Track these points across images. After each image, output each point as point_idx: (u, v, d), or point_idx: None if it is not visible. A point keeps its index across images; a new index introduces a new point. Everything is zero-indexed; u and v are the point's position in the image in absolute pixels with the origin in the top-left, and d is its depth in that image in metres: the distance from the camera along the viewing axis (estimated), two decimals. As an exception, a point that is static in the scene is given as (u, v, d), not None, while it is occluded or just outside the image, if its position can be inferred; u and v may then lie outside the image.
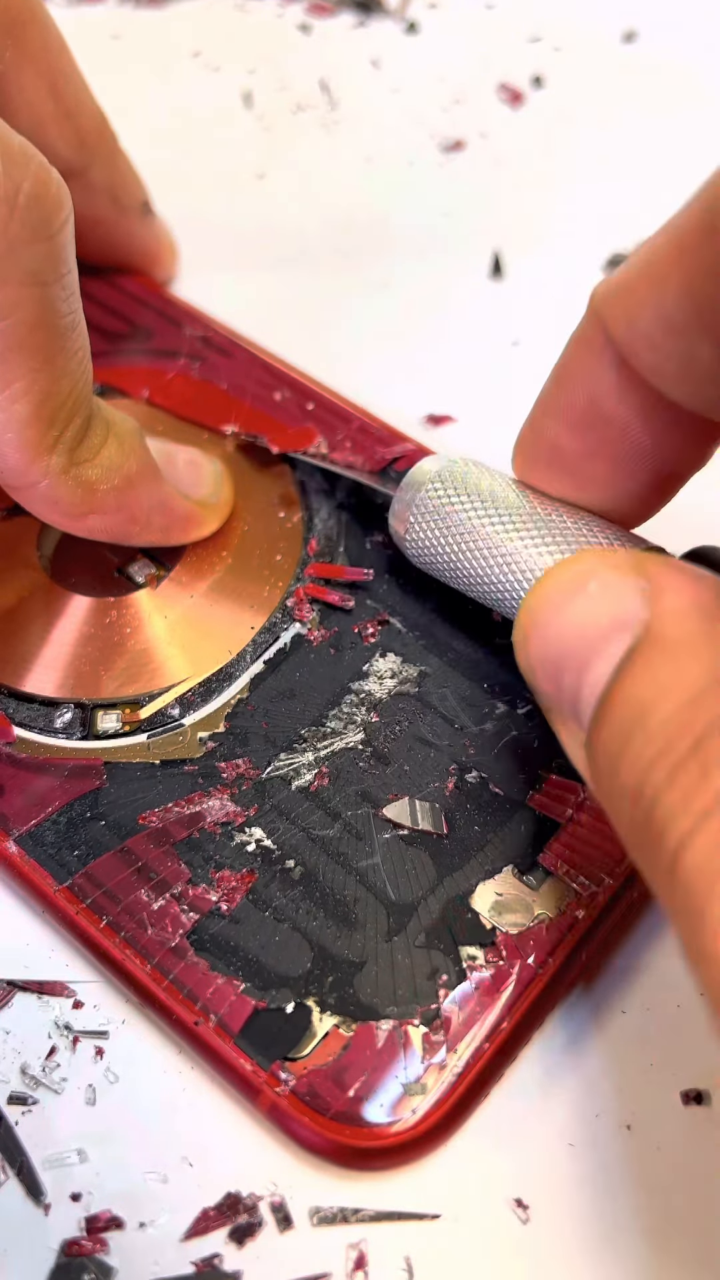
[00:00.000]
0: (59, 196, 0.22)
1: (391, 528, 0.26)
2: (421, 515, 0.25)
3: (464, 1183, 0.21)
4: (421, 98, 0.41)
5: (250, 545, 0.28)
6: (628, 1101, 0.22)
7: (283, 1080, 0.21)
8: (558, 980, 0.22)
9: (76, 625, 0.27)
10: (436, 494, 0.25)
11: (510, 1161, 0.21)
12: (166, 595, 0.27)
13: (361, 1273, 0.20)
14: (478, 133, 0.39)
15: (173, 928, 0.23)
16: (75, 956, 0.24)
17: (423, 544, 0.25)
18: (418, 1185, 0.21)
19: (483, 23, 0.43)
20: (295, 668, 0.26)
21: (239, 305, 0.34)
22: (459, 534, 0.25)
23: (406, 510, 0.26)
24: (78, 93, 0.30)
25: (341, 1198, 0.21)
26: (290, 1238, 0.21)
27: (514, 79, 0.41)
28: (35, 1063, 0.22)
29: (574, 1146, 0.21)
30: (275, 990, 0.22)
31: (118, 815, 0.24)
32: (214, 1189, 0.21)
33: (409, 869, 0.23)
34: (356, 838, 0.24)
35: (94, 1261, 0.21)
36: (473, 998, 0.22)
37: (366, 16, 0.44)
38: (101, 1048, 0.23)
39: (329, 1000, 0.22)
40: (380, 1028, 0.21)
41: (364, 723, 0.25)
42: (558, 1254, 0.21)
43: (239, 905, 0.23)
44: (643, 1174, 0.21)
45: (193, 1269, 0.21)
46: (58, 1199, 0.21)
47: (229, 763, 0.25)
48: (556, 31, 0.42)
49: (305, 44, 0.43)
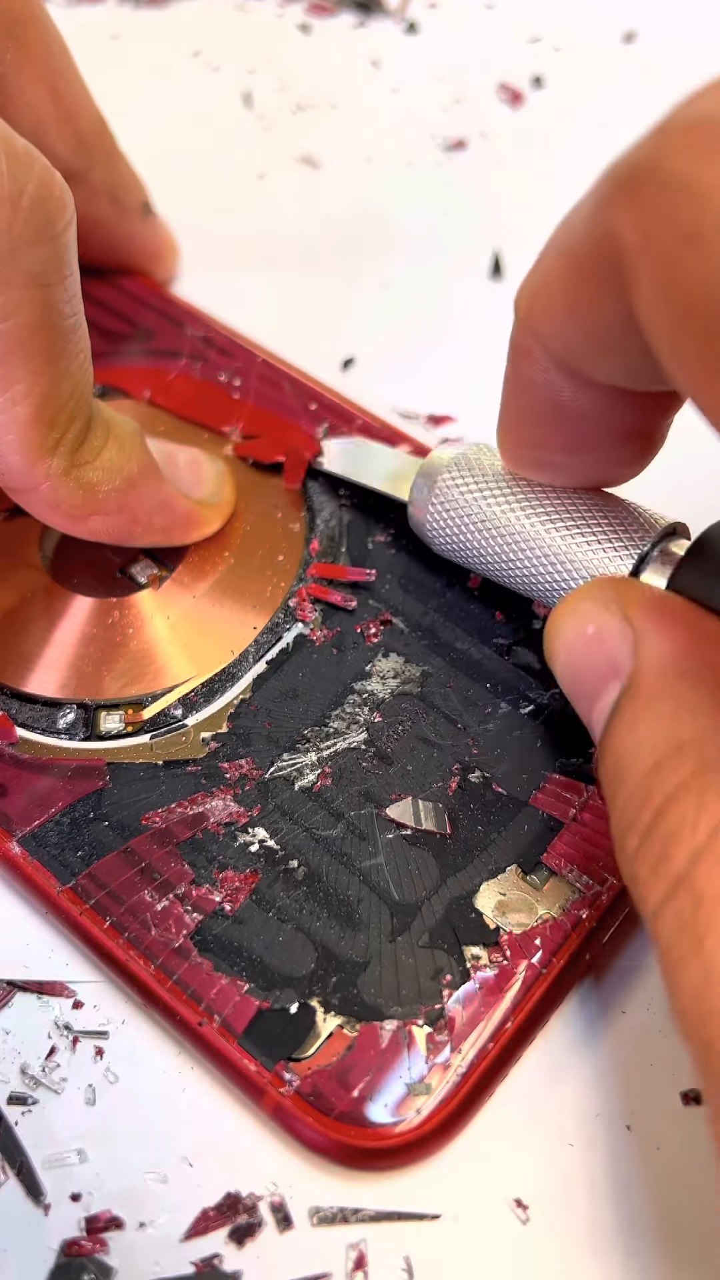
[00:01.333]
0: (62, 199, 0.22)
1: (410, 516, 0.26)
2: (440, 504, 0.25)
3: (464, 1183, 0.21)
4: (421, 98, 0.41)
5: (252, 545, 0.28)
6: (628, 1101, 0.22)
7: (287, 1081, 0.21)
8: (562, 980, 0.22)
9: (79, 626, 0.27)
10: (453, 481, 0.25)
11: (510, 1161, 0.21)
12: (169, 595, 0.27)
13: (361, 1273, 0.20)
14: (478, 133, 0.39)
15: (176, 928, 0.23)
16: (75, 956, 0.24)
17: (443, 532, 0.26)
18: (418, 1185, 0.21)
19: (483, 23, 0.43)
20: (298, 668, 0.26)
21: (240, 305, 0.34)
22: (477, 520, 0.25)
23: (425, 499, 0.26)
24: (77, 95, 0.30)
25: (341, 1198, 0.21)
26: (290, 1238, 0.21)
27: (514, 79, 0.41)
28: (35, 1063, 0.22)
29: (574, 1146, 0.21)
30: (279, 990, 0.22)
31: (121, 816, 0.24)
32: (214, 1189, 0.21)
33: (412, 869, 0.23)
34: (360, 838, 0.24)
35: (94, 1262, 0.21)
36: (477, 997, 0.22)
37: (366, 16, 0.44)
38: (101, 1048, 0.23)
39: (333, 1000, 0.22)
40: (384, 1028, 0.21)
41: (367, 723, 0.25)
42: (558, 1254, 0.21)
43: (242, 906, 0.23)
44: (643, 1174, 0.21)
45: (193, 1269, 0.21)
46: (58, 1199, 0.21)
47: (232, 763, 0.25)
48: (556, 31, 0.42)
49: (305, 44, 0.43)
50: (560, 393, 0.21)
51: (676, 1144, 0.21)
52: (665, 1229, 0.21)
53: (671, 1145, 0.21)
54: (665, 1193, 0.21)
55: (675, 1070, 0.22)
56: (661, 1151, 0.21)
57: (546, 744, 0.25)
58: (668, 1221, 0.21)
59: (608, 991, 0.23)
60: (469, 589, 0.27)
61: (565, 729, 0.25)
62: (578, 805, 0.24)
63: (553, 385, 0.21)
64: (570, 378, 0.20)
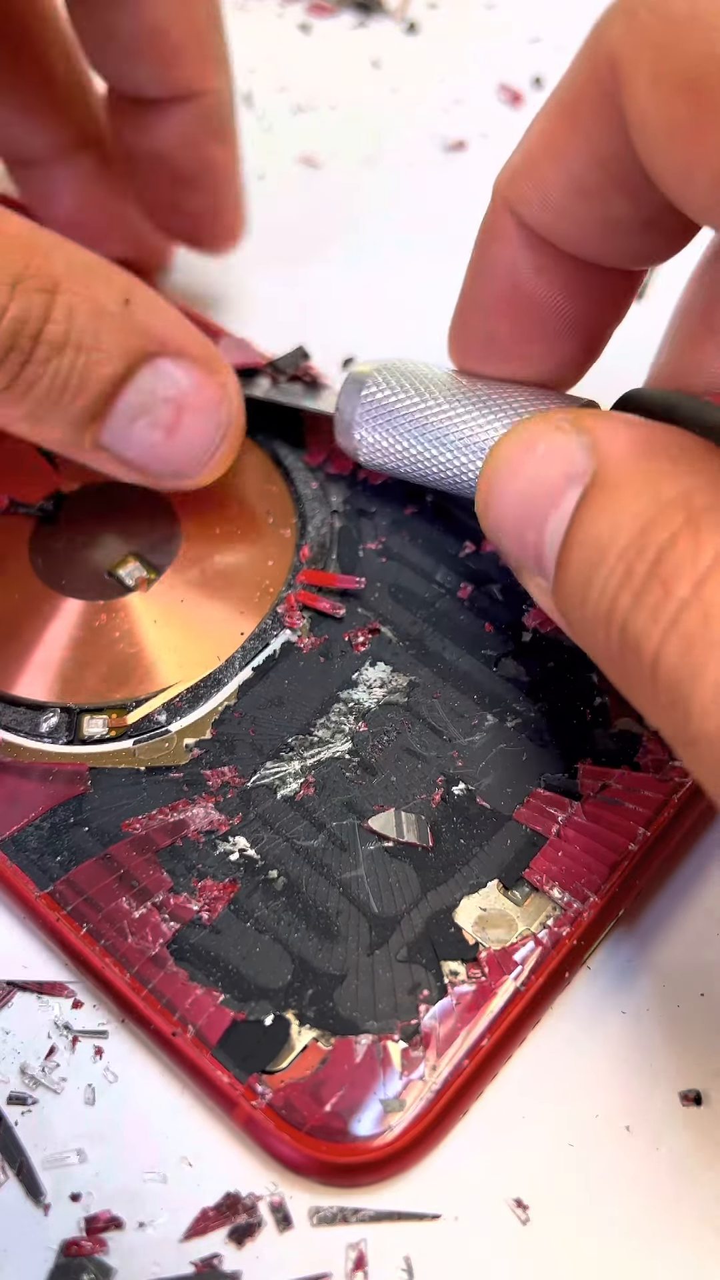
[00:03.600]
0: None
1: (337, 437, 0.27)
2: (367, 416, 0.26)
3: (464, 1183, 0.21)
4: (421, 98, 0.40)
5: (242, 550, 0.28)
6: (628, 1101, 0.22)
7: (259, 1093, 0.21)
8: (540, 998, 0.22)
9: (66, 629, 0.27)
10: (378, 392, 0.26)
11: (510, 1161, 0.21)
12: (156, 599, 0.27)
13: (361, 1273, 0.20)
14: (478, 133, 0.39)
15: (153, 936, 0.22)
16: (59, 968, 0.24)
17: (372, 445, 0.26)
18: (417, 1185, 0.21)
19: (483, 23, 0.43)
20: (284, 675, 0.26)
21: (238, 305, 0.34)
22: (406, 427, 0.25)
23: (351, 414, 0.26)
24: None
25: (341, 1198, 0.21)
26: (290, 1238, 0.21)
27: (514, 79, 0.41)
28: (35, 1063, 0.22)
29: (574, 1146, 0.21)
30: (254, 1002, 0.22)
31: (101, 821, 0.24)
32: (213, 1189, 0.21)
33: (393, 882, 0.23)
34: (341, 849, 0.23)
35: (93, 1261, 0.20)
36: (453, 1014, 0.22)
37: (366, 16, 0.43)
38: (101, 1047, 0.23)
39: (308, 1013, 0.22)
40: (359, 1042, 0.21)
41: (352, 732, 0.25)
42: (558, 1254, 0.21)
43: (220, 915, 0.23)
44: (643, 1174, 0.21)
45: (192, 1269, 0.20)
46: (57, 1199, 0.21)
47: (215, 770, 0.25)
48: (556, 31, 0.42)
49: (305, 44, 0.43)
50: (522, 276, 0.23)
51: (676, 1144, 0.21)
52: (665, 1229, 0.21)
53: (671, 1145, 0.21)
54: (665, 1193, 0.21)
55: (675, 1070, 0.22)
56: (661, 1151, 0.21)
57: (532, 758, 0.24)
58: (667, 1222, 0.21)
59: (607, 991, 0.23)
60: (459, 599, 0.27)
61: (551, 744, 0.25)
62: (561, 821, 0.24)
63: (516, 268, 0.23)
64: (537, 254, 0.22)
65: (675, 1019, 0.23)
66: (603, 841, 0.23)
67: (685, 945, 0.23)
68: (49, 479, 0.29)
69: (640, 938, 0.24)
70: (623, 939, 0.24)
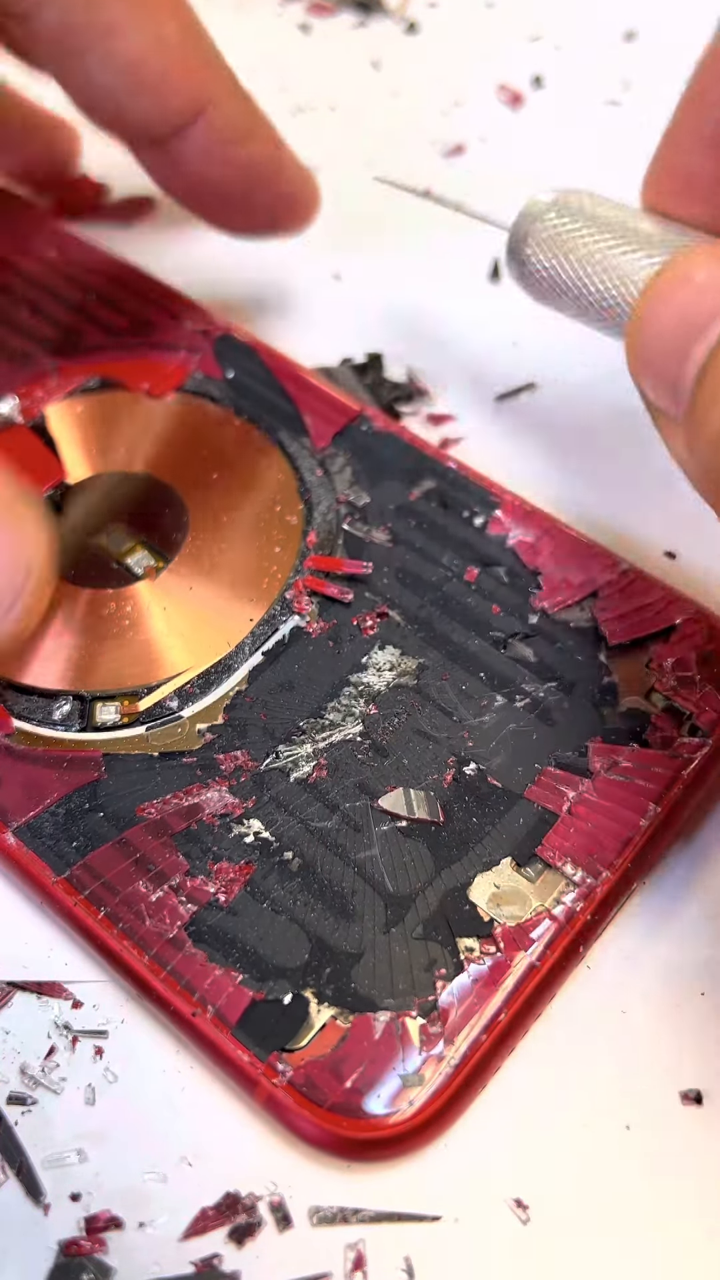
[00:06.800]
0: None
1: (508, 263, 0.26)
2: (539, 246, 0.25)
3: (464, 1182, 0.21)
4: (421, 99, 0.41)
5: (249, 537, 0.28)
6: (628, 1101, 0.22)
7: (280, 1071, 0.21)
8: (555, 972, 0.22)
9: (75, 617, 0.27)
10: (554, 224, 0.25)
11: (510, 1161, 0.21)
12: (165, 587, 0.27)
13: (361, 1273, 0.20)
14: (477, 136, 0.39)
15: (170, 919, 0.23)
16: (75, 955, 0.24)
17: (541, 276, 0.26)
18: (417, 1184, 0.21)
19: (483, 23, 0.43)
20: (294, 660, 0.26)
21: (238, 304, 0.34)
22: (578, 262, 0.25)
23: (523, 243, 0.26)
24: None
25: (341, 1196, 0.21)
26: (289, 1238, 0.21)
27: (514, 79, 0.41)
28: (35, 1063, 0.22)
29: (574, 1146, 0.21)
30: (273, 981, 0.22)
31: (116, 807, 0.24)
32: (213, 1189, 0.21)
33: (407, 861, 0.23)
34: (354, 829, 0.24)
35: (93, 1261, 0.20)
36: (470, 990, 0.22)
37: (366, 16, 0.44)
38: (101, 1047, 0.23)
39: (326, 991, 0.22)
40: (377, 1019, 0.21)
41: (362, 715, 0.25)
42: (558, 1254, 0.20)
43: (237, 897, 0.23)
44: (643, 1174, 0.21)
45: (192, 1269, 0.20)
46: (57, 1199, 0.21)
47: (227, 754, 0.25)
48: (556, 31, 0.43)
49: (305, 44, 0.43)
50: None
51: (676, 1144, 0.21)
52: (665, 1230, 0.21)
53: (671, 1145, 0.21)
54: (665, 1193, 0.21)
55: (675, 1070, 0.22)
56: (661, 1151, 0.21)
57: (542, 737, 0.25)
58: (668, 1222, 0.21)
59: (607, 990, 0.23)
60: (466, 582, 0.27)
61: (560, 723, 0.25)
62: (572, 798, 0.24)
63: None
64: None
65: (675, 1017, 0.22)
66: (614, 818, 0.23)
67: (685, 945, 0.23)
68: (52, 469, 0.29)
69: (643, 933, 0.24)
70: (623, 939, 0.23)
